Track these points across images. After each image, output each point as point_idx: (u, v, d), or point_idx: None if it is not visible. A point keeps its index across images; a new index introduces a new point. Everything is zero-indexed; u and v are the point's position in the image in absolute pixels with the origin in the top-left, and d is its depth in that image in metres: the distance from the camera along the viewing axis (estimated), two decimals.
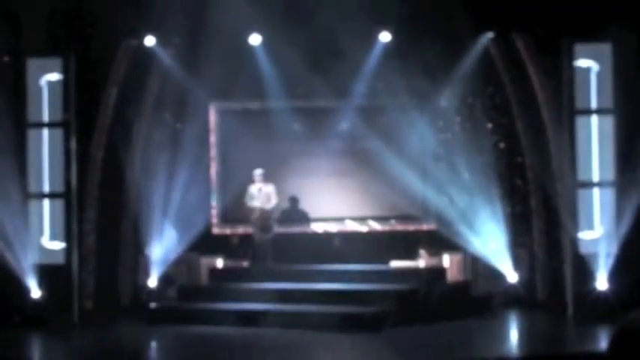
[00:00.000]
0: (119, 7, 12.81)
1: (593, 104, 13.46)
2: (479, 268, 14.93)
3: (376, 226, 15.55)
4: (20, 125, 13.61)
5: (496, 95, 15.07)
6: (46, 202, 13.84)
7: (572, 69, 13.42)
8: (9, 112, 13.25)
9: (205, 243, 15.17)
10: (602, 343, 11.46)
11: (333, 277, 14.09)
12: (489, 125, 15.05)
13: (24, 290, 13.42)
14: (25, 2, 13.18)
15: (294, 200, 15.61)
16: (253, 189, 14.65)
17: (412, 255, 15.22)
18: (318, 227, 15.60)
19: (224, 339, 11.93)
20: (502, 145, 15.09)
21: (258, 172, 14.67)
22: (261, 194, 14.60)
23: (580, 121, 13.45)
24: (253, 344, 11.51)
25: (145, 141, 15.16)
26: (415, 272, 14.43)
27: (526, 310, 14.04)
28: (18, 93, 13.63)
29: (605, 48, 13.37)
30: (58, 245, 13.76)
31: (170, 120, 15.32)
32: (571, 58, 13.42)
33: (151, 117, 15.23)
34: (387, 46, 14.90)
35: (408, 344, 11.32)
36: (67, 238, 13.79)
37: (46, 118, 13.85)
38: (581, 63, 13.43)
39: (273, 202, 14.68)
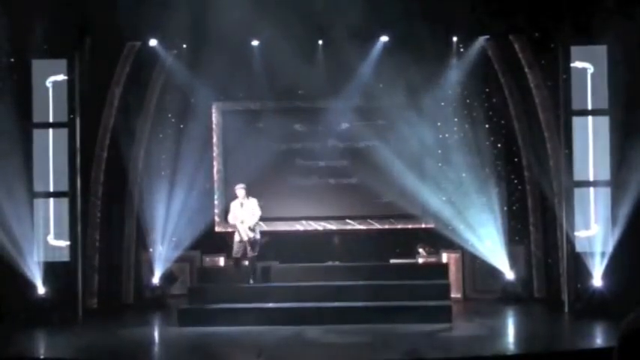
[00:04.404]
0: (123, 9, 12.92)
1: (589, 105, 13.61)
2: (476, 266, 15.13)
3: (375, 224, 15.69)
4: (26, 125, 13.77)
5: (494, 96, 15.24)
6: (52, 201, 14.01)
7: (568, 70, 13.57)
8: (15, 113, 13.37)
9: (208, 241, 15.36)
10: (598, 340, 11.64)
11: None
12: (487, 125, 15.22)
13: (29, 287, 13.57)
14: (30, 4, 13.29)
15: None
16: (235, 205, 13.87)
17: (411, 253, 15.38)
18: (317, 226, 15.76)
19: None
20: (500, 145, 15.27)
21: (239, 187, 13.89)
22: (245, 210, 13.73)
23: (576, 121, 13.60)
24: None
25: (149, 141, 15.35)
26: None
27: (523, 306, 14.21)
28: (24, 94, 13.76)
29: (601, 50, 13.50)
30: (63, 243, 13.93)
31: (173, 120, 15.50)
32: (567, 59, 13.57)
33: (154, 117, 15.42)
34: (387, 47, 15.05)
35: None
36: (72, 237, 13.95)
37: (51, 118, 14.03)
38: (577, 64, 13.59)
39: (256, 216, 13.74)
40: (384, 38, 15.04)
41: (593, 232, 13.40)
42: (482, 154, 15.00)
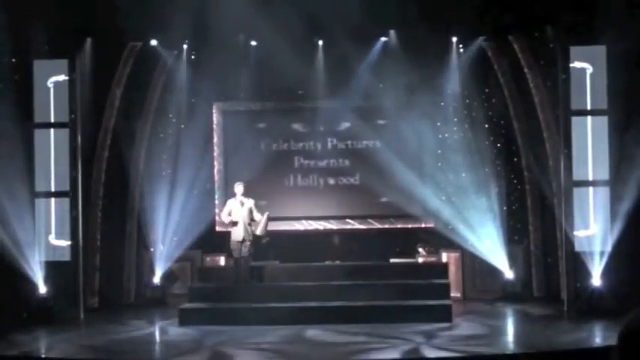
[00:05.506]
0: (124, 10, 12.95)
1: (588, 105, 13.64)
2: (476, 266, 15.16)
3: (375, 224, 15.72)
4: (27, 126, 13.80)
5: (493, 96, 15.28)
6: (53, 201, 14.04)
7: (567, 70, 13.60)
8: (16, 113, 13.39)
9: (208, 241, 15.40)
10: (598, 339, 11.68)
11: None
12: (487, 125, 15.25)
13: (31, 287, 13.61)
14: (31, 4, 13.31)
15: None
16: (234, 204, 13.77)
17: (411, 253, 15.42)
18: (318, 225, 15.79)
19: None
20: (499, 145, 15.31)
21: (239, 184, 13.87)
22: (243, 209, 13.66)
23: (575, 121, 13.64)
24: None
25: (149, 141, 15.40)
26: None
27: (522, 306, 14.23)
28: (25, 94, 13.79)
29: (600, 50, 13.53)
30: (64, 243, 13.97)
31: (174, 120, 15.54)
32: (566, 59, 13.60)
33: (155, 117, 15.46)
34: (387, 47, 15.10)
35: None
36: (73, 236, 14.00)
37: (52, 118, 14.06)
38: (577, 64, 13.61)
39: (258, 218, 13.68)
40: (384, 38, 15.09)
41: (593, 232, 13.43)
42: (482, 154, 15.02)
